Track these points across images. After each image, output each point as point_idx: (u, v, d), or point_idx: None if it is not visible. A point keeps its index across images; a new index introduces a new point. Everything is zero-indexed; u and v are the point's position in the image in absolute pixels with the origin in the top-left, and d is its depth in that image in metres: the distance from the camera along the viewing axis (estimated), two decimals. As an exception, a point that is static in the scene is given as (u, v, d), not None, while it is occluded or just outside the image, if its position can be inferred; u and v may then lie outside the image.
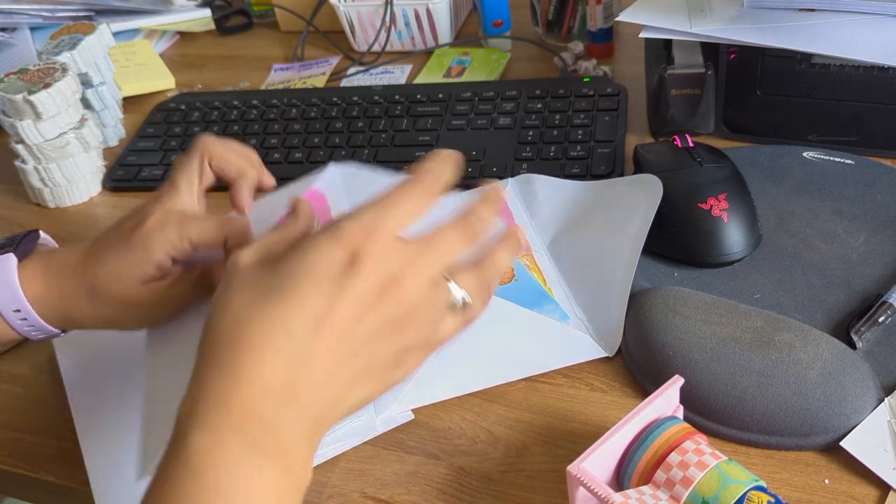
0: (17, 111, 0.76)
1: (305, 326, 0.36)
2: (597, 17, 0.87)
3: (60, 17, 1.01)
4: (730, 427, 0.50)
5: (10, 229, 0.80)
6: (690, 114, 0.71)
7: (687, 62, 0.72)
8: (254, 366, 0.35)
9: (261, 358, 0.35)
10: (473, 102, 0.83)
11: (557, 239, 0.64)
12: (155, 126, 0.89)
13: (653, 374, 0.53)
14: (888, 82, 0.64)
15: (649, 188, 0.60)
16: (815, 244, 0.59)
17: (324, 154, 0.80)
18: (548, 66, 0.91)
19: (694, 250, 0.59)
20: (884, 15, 0.63)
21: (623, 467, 0.44)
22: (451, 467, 0.51)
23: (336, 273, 0.37)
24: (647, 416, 0.45)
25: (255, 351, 0.36)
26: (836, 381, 0.49)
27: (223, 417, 0.35)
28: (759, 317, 0.53)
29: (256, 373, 0.35)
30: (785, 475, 0.48)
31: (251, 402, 0.35)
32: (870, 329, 0.52)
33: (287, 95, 0.91)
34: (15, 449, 0.57)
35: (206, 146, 0.55)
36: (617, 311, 0.56)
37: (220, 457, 0.34)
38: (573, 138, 0.76)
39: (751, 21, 0.67)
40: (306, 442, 0.37)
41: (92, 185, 0.82)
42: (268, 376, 0.35)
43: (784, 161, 0.67)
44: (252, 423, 0.35)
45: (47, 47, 0.84)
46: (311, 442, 0.37)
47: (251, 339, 0.36)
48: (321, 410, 0.37)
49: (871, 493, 0.46)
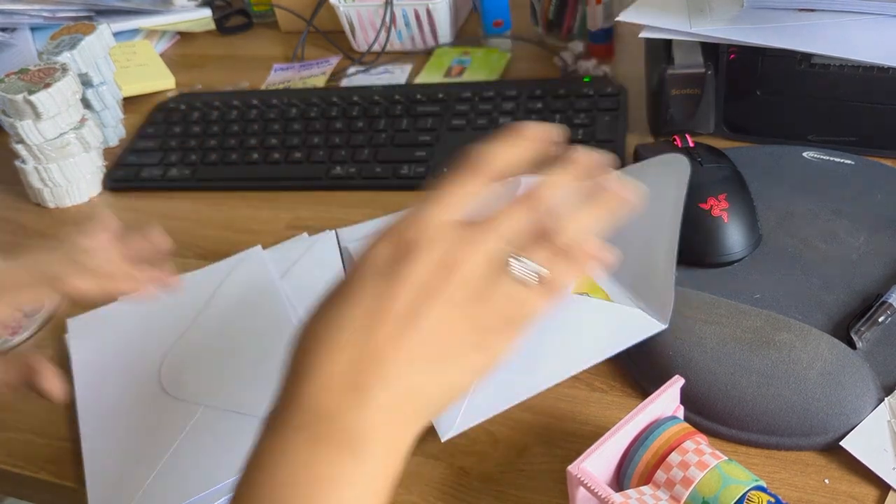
0: (17, 111, 0.76)
1: (363, 321, 0.36)
2: (597, 17, 0.87)
3: (61, 17, 1.01)
4: (730, 427, 0.50)
5: (10, 229, 0.80)
6: (690, 114, 0.71)
7: (687, 62, 0.72)
8: (315, 366, 0.36)
9: (322, 358, 0.36)
10: (473, 102, 0.83)
11: None
12: (155, 126, 0.89)
13: (653, 373, 0.53)
14: (888, 82, 0.64)
15: (677, 166, 0.60)
16: (815, 244, 0.59)
17: (324, 154, 0.80)
18: (548, 66, 0.91)
19: (694, 250, 0.58)
20: (884, 15, 0.63)
21: (623, 467, 0.44)
22: (451, 467, 0.51)
23: (384, 266, 0.37)
24: (647, 416, 0.45)
25: (317, 353, 0.36)
26: (836, 381, 0.49)
27: (287, 419, 0.36)
28: (759, 317, 0.53)
29: (317, 371, 0.36)
30: (785, 475, 0.48)
31: (313, 398, 0.36)
32: (870, 329, 0.52)
33: (287, 95, 0.91)
34: (15, 449, 0.57)
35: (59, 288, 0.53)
36: (664, 283, 0.55)
37: (289, 456, 0.35)
38: (573, 138, 0.76)
39: (751, 21, 0.67)
40: (384, 430, 0.36)
41: (92, 185, 0.82)
42: (328, 373, 0.36)
43: (784, 161, 0.67)
44: (314, 417, 0.35)
45: (47, 47, 0.84)
46: (393, 431, 0.37)
47: (316, 342, 0.37)
48: (397, 399, 0.36)
49: (871, 493, 0.46)
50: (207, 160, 0.82)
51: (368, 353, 0.36)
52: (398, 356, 0.36)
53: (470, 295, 0.37)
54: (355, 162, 0.78)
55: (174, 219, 0.77)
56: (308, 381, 0.36)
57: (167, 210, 0.79)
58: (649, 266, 0.57)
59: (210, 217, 0.77)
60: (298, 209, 0.76)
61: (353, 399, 0.36)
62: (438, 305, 0.37)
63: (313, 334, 0.37)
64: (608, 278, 0.58)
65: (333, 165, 0.78)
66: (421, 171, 0.76)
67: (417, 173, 0.75)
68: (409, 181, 0.75)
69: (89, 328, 0.64)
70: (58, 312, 0.68)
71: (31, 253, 0.53)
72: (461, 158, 0.40)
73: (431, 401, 0.38)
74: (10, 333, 0.66)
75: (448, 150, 0.78)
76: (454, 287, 0.37)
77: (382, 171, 0.77)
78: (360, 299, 0.37)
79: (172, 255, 0.72)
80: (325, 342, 0.36)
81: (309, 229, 0.71)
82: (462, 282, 0.37)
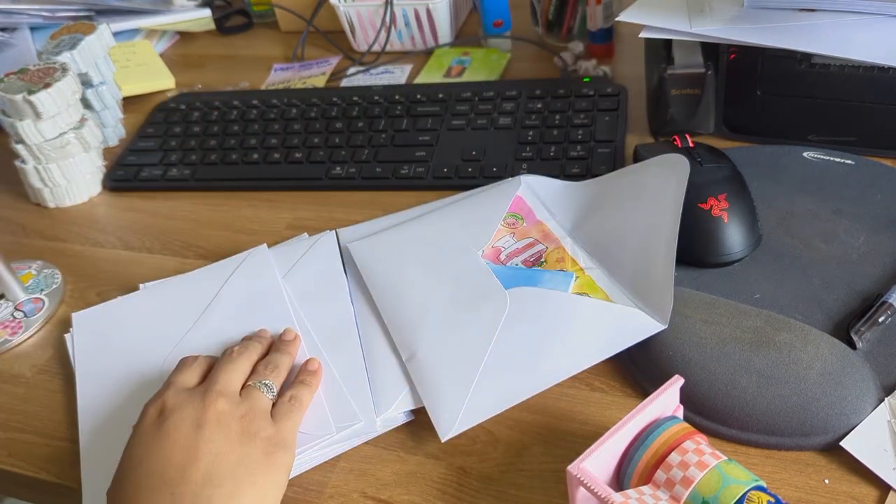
0: (17, 111, 0.76)
1: (159, 464, 0.45)
2: (597, 17, 0.87)
3: (60, 17, 1.01)
4: (730, 427, 0.50)
5: (10, 229, 0.80)
6: (690, 114, 0.71)
7: (687, 62, 0.72)
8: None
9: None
10: (473, 102, 0.83)
11: (584, 227, 0.63)
12: (155, 126, 0.89)
13: (653, 373, 0.53)
14: (888, 82, 0.64)
15: (677, 166, 0.60)
16: (815, 244, 0.59)
17: (324, 154, 0.80)
18: (548, 66, 0.91)
19: (694, 250, 0.58)
20: (884, 15, 0.63)
21: (623, 467, 0.44)
22: (451, 467, 0.51)
23: (152, 424, 0.48)
24: (647, 416, 0.45)
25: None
26: (836, 381, 0.49)
27: None
28: (759, 317, 0.53)
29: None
30: (785, 475, 0.48)
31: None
32: (870, 329, 0.52)
33: (287, 95, 0.91)
34: (15, 449, 0.57)
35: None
36: (663, 283, 0.55)
37: None
38: (573, 138, 0.76)
39: (751, 21, 0.67)
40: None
41: (92, 185, 0.82)
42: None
43: (784, 161, 0.67)
44: None
45: (47, 47, 0.84)
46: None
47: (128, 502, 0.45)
48: (205, 501, 0.44)
49: (871, 493, 0.46)
50: (207, 160, 0.82)
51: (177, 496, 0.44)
52: (209, 480, 0.44)
53: (234, 423, 0.48)
54: (355, 162, 0.78)
55: (174, 219, 0.77)
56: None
57: (167, 210, 0.79)
58: (649, 266, 0.57)
59: (210, 217, 0.77)
60: (298, 209, 0.76)
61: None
62: (217, 438, 0.46)
63: (126, 495, 0.45)
64: (608, 278, 0.58)
65: (333, 165, 0.78)
66: (421, 171, 0.76)
67: (417, 173, 0.75)
68: (409, 181, 0.75)
69: (93, 323, 0.63)
70: (58, 312, 0.68)
71: None
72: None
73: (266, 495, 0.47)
74: (11, 333, 0.66)
75: (448, 150, 0.78)
76: (220, 425, 0.47)
77: (382, 172, 0.77)
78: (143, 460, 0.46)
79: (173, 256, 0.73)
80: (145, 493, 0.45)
81: (309, 229, 0.71)
82: (220, 419, 0.47)
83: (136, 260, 0.73)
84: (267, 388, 0.51)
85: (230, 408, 0.48)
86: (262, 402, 0.50)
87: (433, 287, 0.59)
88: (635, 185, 0.63)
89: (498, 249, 0.62)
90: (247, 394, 0.50)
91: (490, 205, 0.66)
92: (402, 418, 0.54)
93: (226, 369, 0.52)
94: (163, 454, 0.45)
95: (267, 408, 0.50)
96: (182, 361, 0.54)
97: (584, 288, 0.58)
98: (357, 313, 0.60)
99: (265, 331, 0.58)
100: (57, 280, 0.71)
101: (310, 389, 0.53)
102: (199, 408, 0.48)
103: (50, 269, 0.72)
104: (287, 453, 0.48)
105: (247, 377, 0.52)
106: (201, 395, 0.49)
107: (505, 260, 0.61)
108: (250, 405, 0.49)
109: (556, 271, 0.59)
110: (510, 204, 0.66)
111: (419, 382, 0.53)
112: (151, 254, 0.73)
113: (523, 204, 0.66)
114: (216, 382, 0.50)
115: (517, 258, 0.61)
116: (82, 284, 0.71)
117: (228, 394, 0.49)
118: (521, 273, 0.60)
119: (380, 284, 0.61)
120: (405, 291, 0.60)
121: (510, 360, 0.53)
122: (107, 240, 0.76)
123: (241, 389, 0.51)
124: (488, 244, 0.63)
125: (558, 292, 0.57)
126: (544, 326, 0.55)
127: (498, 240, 0.63)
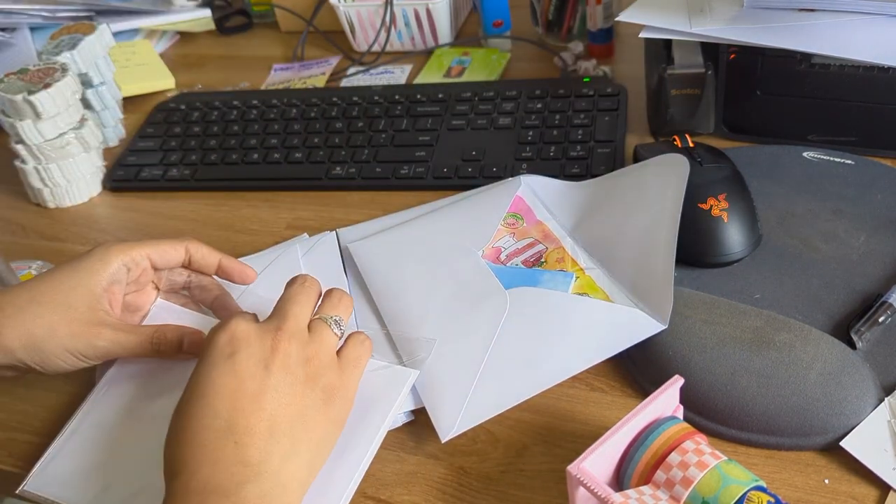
0: (17, 111, 0.76)
1: (225, 406, 0.44)
2: (597, 17, 0.87)
3: (60, 17, 1.01)
4: (730, 427, 0.50)
5: (10, 230, 0.80)
6: (690, 114, 0.71)
7: (687, 62, 0.72)
8: (200, 455, 0.43)
9: (207, 445, 0.43)
10: (473, 102, 0.83)
11: (584, 227, 0.63)
12: (155, 126, 0.89)
13: (653, 373, 0.53)
14: (888, 82, 0.64)
15: (677, 166, 0.60)
16: (815, 244, 0.59)
17: (324, 154, 0.80)
18: (548, 66, 0.91)
19: (694, 250, 0.59)
20: (884, 15, 0.63)
21: (623, 467, 0.44)
22: (451, 467, 0.51)
23: (221, 354, 0.46)
24: (647, 416, 0.45)
25: (201, 444, 0.43)
26: (836, 381, 0.49)
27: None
28: (759, 317, 0.53)
29: (206, 457, 0.43)
30: (785, 475, 0.48)
31: (209, 480, 0.42)
32: (870, 329, 0.52)
33: (287, 95, 0.91)
34: (15, 449, 0.57)
35: (191, 241, 0.59)
36: (663, 283, 0.55)
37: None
38: (573, 138, 0.76)
39: (751, 21, 0.67)
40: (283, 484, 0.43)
41: (92, 185, 0.82)
42: (216, 459, 0.43)
43: (784, 161, 0.67)
44: (212, 495, 0.42)
45: (47, 47, 0.84)
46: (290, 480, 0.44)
47: (191, 439, 0.44)
48: (265, 456, 0.43)
49: (871, 493, 0.46)
50: (207, 160, 0.82)
51: (236, 427, 0.43)
52: (262, 424, 0.44)
53: (302, 361, 0.46)
54: (355, 162, 0.78)
55: (174, 219, 0.77)
56: (199, 468, 0.42)
57: (167, 210, 0.79)
58: (649, 266, 0.57)
59: (210, 217, 0.77)
60: (298, 209, 0.76)
61: (244, 473, 0.42)
62: (281, 376, 0.45)
63: (190, 430, 0.44)
64: (608, 278, 0.58)
65: (333, 165, 0.78)
66: (421, 171, 0.76)
67: (417, 173, 0.75)
68: (408, 181, 0.75)
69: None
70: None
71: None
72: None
73: (311, 452, 0.45)
74: None
75: (448, 150, 0.78)
76: (288, 361, 0.46)
77: (382, 172, 0.77)
78: (217, 388, 0.44)
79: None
80: (192, 429, 0.44)
81: (309, 229, 0.71)
82: (287, 355, 0.46)
83: (136, 260, 0.73)
84: (336, 325, 0.49)
85: (298, 348, 0.47)
86: (330, 342, 0.49)
87: (433, 287, 0.59)
88: (635, 185, 0.63)
89: (498, 249, 0.62)
90: (315, 329, 0.49)
91: (490, 205, 0.66)
92: (402, 418, 0.54)
93: (297, 300, 0.49)
94: (229, 394, 0.44)
95: (334, 347, 0.49)
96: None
97: (584, 288, 0.58)
98: (357, 313, 0.60)
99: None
100: (57, 280, 0.71)
101: (370, 343, 0.52)
102: (267, 347, 0.46)
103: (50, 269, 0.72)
104: (345, 405, 0.48)
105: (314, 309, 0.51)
106: (272, 331, 0.47)
107: (505, 260, 0.61)
108: (318, 346, 0.48)
109: (556, 271, 0.59)
110: (510, 204, 0.66)
111: (419, 383, 0.53)
112: (151, 254, 0.73)
113: (523, 204, 0.66)
114: (286, 318, 0.48)
115: (517, 258, 0.61)
116: (82, 284, 0.71)
117: (297, 332, 0.47)
118: (521, 273, 0.60)
119: (380, 284, 0.61)
120: (405, 291, 0.60)
121: (510, 360, 0.53)
122: (107, 240, 0.76)
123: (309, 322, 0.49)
124: (488, 244, 0.63)
125: (558, 292, 0.57)
126: (544, 327, 0.55)
127: (498, 240, 0.63)
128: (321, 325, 0.49)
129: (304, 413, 0.45)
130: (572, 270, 0.59)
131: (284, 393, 0.45)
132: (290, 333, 0.47)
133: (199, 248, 0.58)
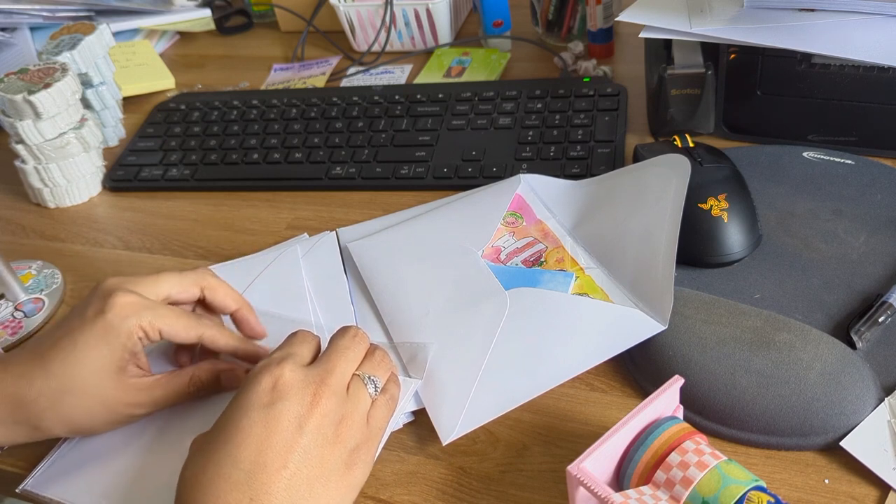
0: (17, 111, 0.76)
1: (249, 458, 0.43)
2: (597, 17, 0.87)
3: (60, 17, 1.01)
4: (730, 427, 0.50)
5: (10, 230, 0.80)
6: (690, 114, 0.71)
7: (687, 62, 0.72)
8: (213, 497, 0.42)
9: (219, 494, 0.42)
10: (473, 102, 0.83)
11: (584, 226, 0.63)
12: (155, 126, 0.89)
13: (653, 373, 0.53)
14: (888, 82, 0.64)
15: (677, 166, 0.60)
16: (815, 244, 0.59)
17: (324, 154, 0.80)
18: (548, 66, 0.92)
19: (694, 250, 0.59)
20: (884, 15, 0.63)
21: (623, 467, 0.44)
22: (451, 467, 0.51)
23: (262, 401, 0.45)
24: (647, 416, 0.45)
25: (214, 491, 0.42)
26: (835, 381, 0.49)
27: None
28: (759, 317, 0.53)
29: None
30: (785, 475, 0.48)
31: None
32: (870, 329, 0.52)
33: (287, 95, 0.91)
34: (15, 449, 0.57)
35: (205, 276, 0.57)
36: (663, 283, 0.55)
37: None
38: (573, 138, 0.76)
39: (751, 21, 0.67)
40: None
41: (92, 185, 0.82)
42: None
43: (784, 161, 0.67)
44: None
45: (47, 47, 0.84)
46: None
47: (207, 484, 0.43)
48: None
49: (871, 493, 0.46)
50: (207, 160, 0.82)
51: (260, 487, 0.42)
52: (283, 486, 0.43)
53: (335, 421, 0.46)
54: (355, 162, 0.78)
55: (174, 219, 0.77)
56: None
57: (167, 210, 0.79)
58: (649, 266, 0.57)
59: (210, 217, 0.77)
60: (298, 209, 0.76)
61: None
62: (312, 435, 0.44)
63: (206, 475, 0.43)
64: (608, 278, 0.58)
65: (333, 165, 0.78)
66: (421, 171, 0.76)
67: (417, 173, 0.75)
68: (408, 181, 0.75)
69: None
70: (58, 312, 0.68)
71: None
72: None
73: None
74: (11, 333, 0.66)
75: (448, 151, 0.78)
76: (324, 419, 0.45)
77: (382, 172, 0.77)
78: (246, 435, 0.43)
79: (173, 256, 0.73)
80: (216, 483, 0.42)
81: (309, 229, 0.71)
82: (325, 413, 0.45)
83: (136, 260, 0.73)
84: (373, 385, 0.49)
85: (336, 407, 0.46)
86: (365, 404, 0.48)
87: (433, 287, 0.59)
88: (636, 184, 0.63)
89: (498, 249, 0.62)
90: (354, 388, 0.48)
91: (490, 204, 0.66)
92: (402, 419, 0.54)
93: (346, 355, 0.49)
94: (256, 445, 0.43)
95: (367, 409, 0.48)
96: (299, 334, 0.51)
97: (584, 288, 0.58)
98: (357, 313, 0.60)
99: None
100: (57, 280, 0.71)
101: (395, 405, 0.51)
102: (307, 402, 0.45)
103: (50, 269, 0.72)
104: (366, 471, 0.47)
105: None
106: (317, 383, 0.46)
107: (505, 259, 0.61)
108: (354, 406, 0.47)
109: (556, 271, 0.59)
110: (510, 203, 0.66)
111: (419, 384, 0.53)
112: (151, 254, 0.73)
113: (523, 203, 0.66)
114: (331, 372, 0.47)
115: (517, 257, 0.61)
116: (82, 284, 0.71)
117: (339, 389, 0.47)
118: (520, 273, 0.60)
119: (380, 284, 0.61)
120: (405, 291, 0.60)
121: (511, 361, 0.53)
122: (107, 240, 0.76)
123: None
124: (488, 243, 0.63)
125: (558, 293, 0.57)
126: (544, 328, 0.55)
127: (498, 239, 0.63)
128: (360, 385, 0.48)
129: (325, 476, 0.44)
130: (572, 270, 0.59)
131: (312, 455, 0.44)
132: (332, 390, 0.46)
133: (214, 292, 0.57)
